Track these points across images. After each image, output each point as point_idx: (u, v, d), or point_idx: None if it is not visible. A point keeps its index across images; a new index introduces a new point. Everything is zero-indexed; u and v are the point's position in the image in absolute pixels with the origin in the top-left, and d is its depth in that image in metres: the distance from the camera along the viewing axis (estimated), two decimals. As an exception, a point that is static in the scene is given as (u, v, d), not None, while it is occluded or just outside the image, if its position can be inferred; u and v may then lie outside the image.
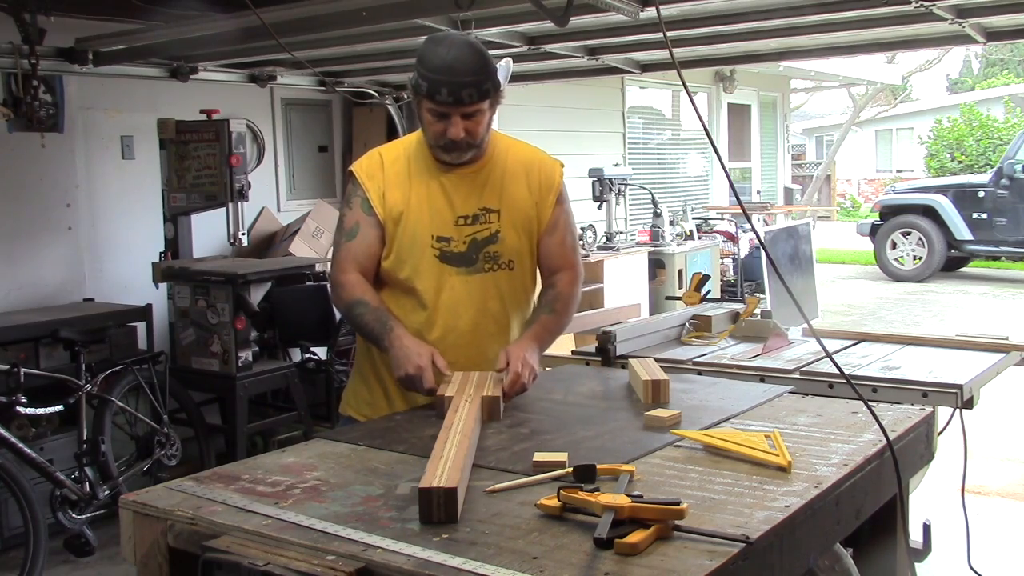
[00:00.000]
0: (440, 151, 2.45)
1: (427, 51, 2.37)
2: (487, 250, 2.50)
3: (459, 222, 2.49)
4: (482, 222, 2.50)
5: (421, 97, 2.38)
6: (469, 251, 2.49)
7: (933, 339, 3.61)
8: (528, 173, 2.57)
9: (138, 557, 1.71)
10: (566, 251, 2.62)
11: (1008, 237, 12.76)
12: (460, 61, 2.33)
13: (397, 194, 2.48)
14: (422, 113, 2.42)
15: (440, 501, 1.59)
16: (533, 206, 2.56)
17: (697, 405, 2.34)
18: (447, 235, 2.48)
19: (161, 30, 4.72)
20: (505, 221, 2.52)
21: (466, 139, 2.40)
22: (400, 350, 2.33)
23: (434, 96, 2.34)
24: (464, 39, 2.42)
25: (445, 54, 2.33)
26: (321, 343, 5.39)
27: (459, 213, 2.49)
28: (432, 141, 2.45)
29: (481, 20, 4.07)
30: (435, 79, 2.33)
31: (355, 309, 2.45)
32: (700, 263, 8.34)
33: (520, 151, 2.62)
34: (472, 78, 2.34)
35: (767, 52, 5.73)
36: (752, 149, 13.04)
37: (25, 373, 4.07)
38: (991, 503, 4.82)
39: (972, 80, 33.21)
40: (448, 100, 2.33)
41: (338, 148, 7.14)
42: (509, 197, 2.53)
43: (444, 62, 2.33)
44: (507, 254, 2.53)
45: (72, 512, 4.16)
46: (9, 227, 5.18)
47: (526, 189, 2.56)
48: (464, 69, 2.33)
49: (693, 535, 1.49)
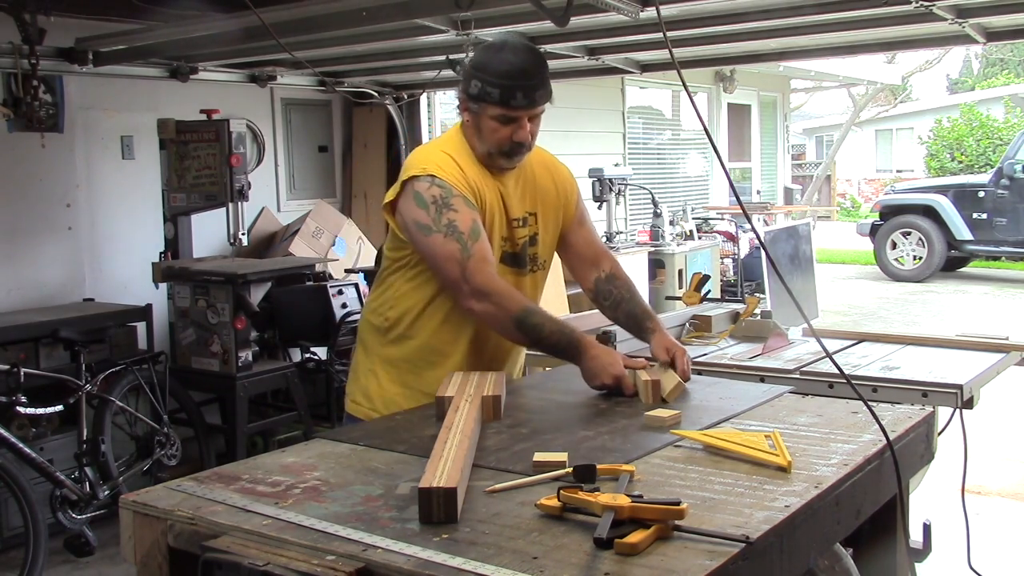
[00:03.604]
0: (502, 157, 2.45)
1: (490, 58, 2.38)
2: (530, 251, 2.57)
3: (514, 224, 2.53)
4: (528, 224, 2.56)
5: (487, 104, 2.37)
6: (521, 253, 2.55)
7: (933, 339, 3.60)
8: (552, 174, 2.64)
9: (138, 557, 1.71)
10: (596, 239, 2.75)
11: (1008, 237, 12.76)
12: (529, 63, 2.37)
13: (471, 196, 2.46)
14: (483, 121, 2.40)
15: (440, 501, 1.59)
16: (561, 207, 2.64)
17: (697, 405, 2.34)
18: (507, 237, 2.52)
19: (161, 30, 4.72)
20: (541, 223, 2.59)
21: (530, 141, 2.44)
22: (593, 361, 2.34)
23: (509, 102, 2.35)
24: (522, 42, 2.47)
25: (513, 59, 2.35)
26: (321, 343, 5.39)
27: (513, 216, 2.53)
28: (496, 148, 2.43)
29: (481, 20, 4.07)
30: (508, 84, 2.34)
31: (530, 319, 2.32)
32: (700, 263, 8.34)
33: (537, 154, 2.65)
34: (542, 79, 2.39)
35: (767, 52, 5.73)
36: (752, 149, 13.04)
37: (25, 373, 4.08)
38: (991, 503, 4.82)
39: (972, 80, 33.21)
40: (523, 104, 2.36)
41: (338, 148, 7.14)
42: (543, 199, 2.60)
43: (515, 67, 2.34)
44: (543, 255, 2.61)
45: (72, 512, 4.16)
46: (9, 227, 5.18)
47: (554, 190, 2.63)
48: (535, 72, 2.37)
49: (693, 535, 1.49)
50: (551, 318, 2.37)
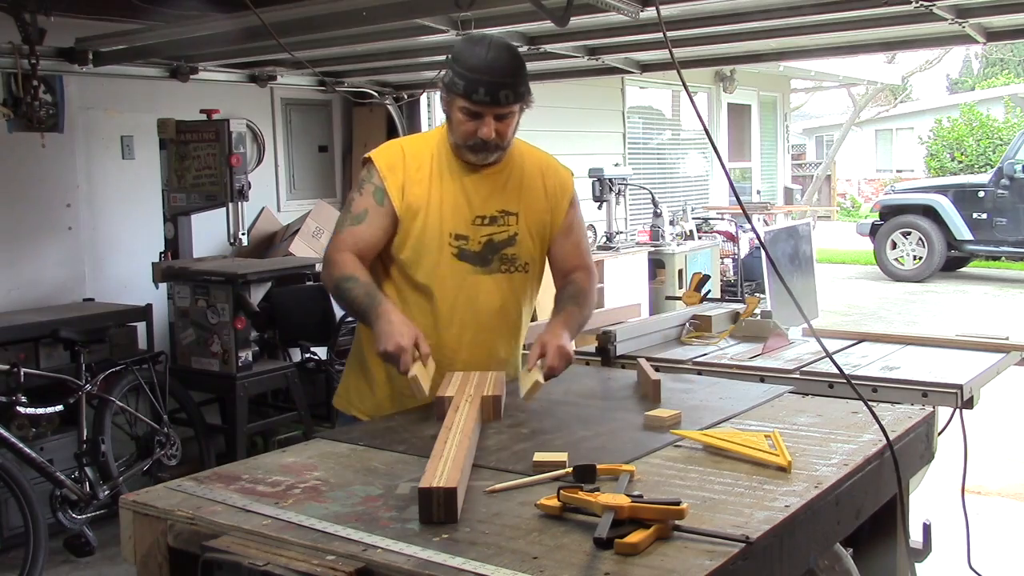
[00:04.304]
0: (468, 151, 2.45)
1: (464, 50, 2.38)
2: (504, 252, 2.52)
3: (476, 222, 2.50)
4: (500, 224, 2.52)
5: (455, 95, 2.37)
6: (484, 251, 2.50)
7: (933, 339, 3.60)
8: (544, 177, 2.61)
9: (138, 557, 1.71)
10: (580, 252, 2.67)
11: (1008, 237, 12.76)
12: (499, 61, 2.35)
13: (417, 189, 2.47)
14: (453, 112, 2.42)
15: (440, 501, 1.59)
16: (548, 211, 2.59)
17: (697, 405, 2.34)
18: (464, 233, 2.48)
19: (161, 30, 4.72)
20: (523, 224, 2.55)
21: (496, 140, 2.41)
22: (387, 325, 2.28)
23: (471, 95, 2.34)
24: (503, 41, 2.44)
25: (484, 54, 2.34)
26: (321, 343, 5.39)
27: (477, 213, 2.50)
28: (460, 140, 2.44)
29: (481, 20, 4.07)
30: (473, 78, 2.33)
31: (345, 283, 2.40)
32: (700, 263, 8.34)
33: (535, 156, 2.64)
34: (510, 79, 2.36)
35: (767, 52, 5.73)
36: (752, 149, 13.04)
37: (25, 373, 4.08)
38: (991, 503, 4.82)
39: (972, 80, 33.20)
40: (485, 100, 2.34)
41: (338, 148, 7.14)
42: (527, 201, 2.56)
43: (483, 62, 2.33)
44: (523, 257, 2.56)
45: (72, 512, 4.16)
46: (9, 227, 5.18)
47: (543, 194, 2.59)
48: (503, 70, 2.35)
49: (693, 535, 1.49)
50: (367, 285, 2.39)
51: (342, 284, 2.40)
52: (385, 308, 2.33)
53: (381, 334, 2.27)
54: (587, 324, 2.65)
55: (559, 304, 2.59)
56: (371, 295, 2.37)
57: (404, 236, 2.48)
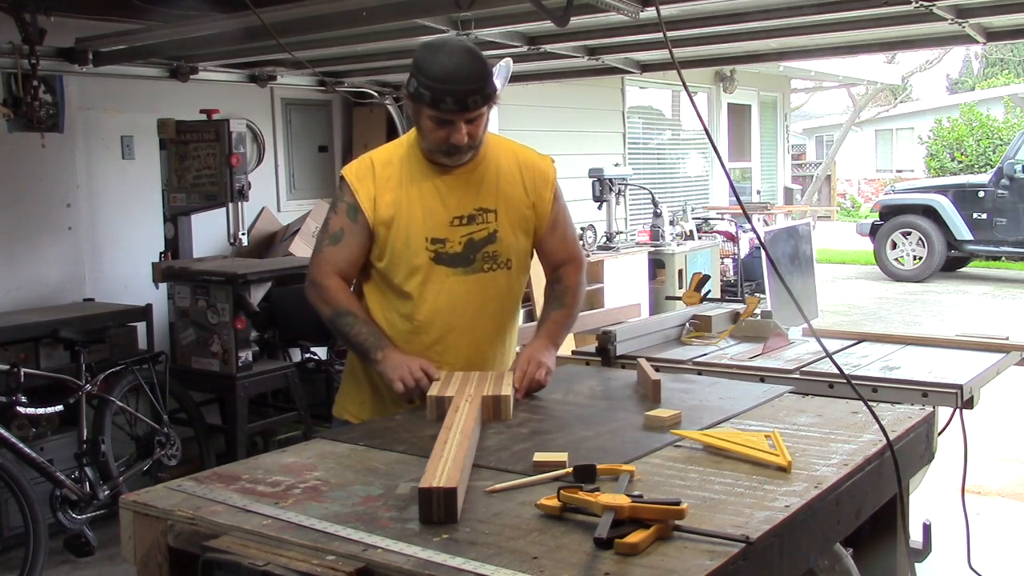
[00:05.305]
0: (441, 156, 2.44)
1: (425, 59, 2.34)
2: (485, 250, 2.50)
3: (454, 223, 2.48)
4: (479, 222, 2.50)
5: (422, 105, 2.34)
6: (466, 251, 2.48)
7: (933, 339, 3.61)
8: (522, 171, 2.57)
9: (138, 557, 1.71)
10: (568, 244, 2.68)
11: (1008, 237, 12.75)
12: (463, 68, 2.31)
13: (388, 197, 2.46)
14: (422, 120, 2.39)
15: (440, 501, 1.59)
16: (530, 205, 2.57)
17: (697, 405, 2.34)
18: (441, 236, 2.47)
19: (161, 30, 4.71)
20: (503, 220, 2.52)
21: (468, 142, 2.40)
22: (392, 360, 2.39)
23: (439, 105, 2.31)
24: (461, 44, 2.40)
25: (447, 62, 2.31)
26: (321, 343, 5.38)
27: (454, 214, 2.48)
28: (432, 147, 2.43)
29: (481, 20, 4.07)
30: (438, 88, 2.29)
31: (343, 319, 2.48)
32: (700, 263, 8.33)
33: (511, 150, 2.62)
34: (476, 85, 2.32)
35: (767, 52, 5.74)
36: (752, 149, 13.03)
37: (25, 373, 4.07)
38: (991, 503, 4.82)
39: (972, 80, 33.19)
40: (454, 108, 2.31)
41: (338, 148, 7.14)
42: (505, 196, 2.53)
43: (446, 71, 2.30)
44: (505, 253, 2.53)
45: (72, 512, 4.16)
46: (9, 227, 5.18)
47: (522, 188, 2.56)
48: (467, 76, 2.31)
49: (693, 535, 1.49)
50: (368, 323, 2.48)
51: (338, 320, 2.49)
52: (386, 353, 2.41)
53: (391, 379, 2.38)
54: (579, 319, 2.73)
55: (546, 310, 2.65)
56: (375, 334, 2.46)
57: (381, 245, 2.48)
